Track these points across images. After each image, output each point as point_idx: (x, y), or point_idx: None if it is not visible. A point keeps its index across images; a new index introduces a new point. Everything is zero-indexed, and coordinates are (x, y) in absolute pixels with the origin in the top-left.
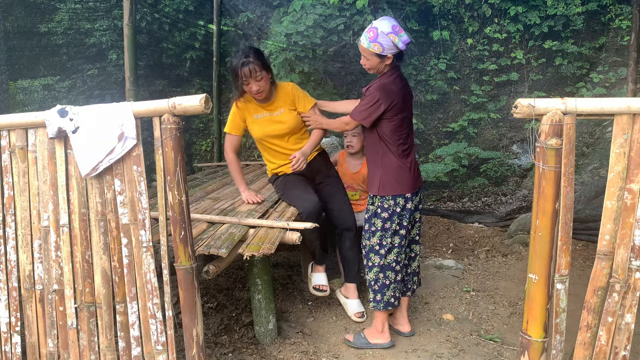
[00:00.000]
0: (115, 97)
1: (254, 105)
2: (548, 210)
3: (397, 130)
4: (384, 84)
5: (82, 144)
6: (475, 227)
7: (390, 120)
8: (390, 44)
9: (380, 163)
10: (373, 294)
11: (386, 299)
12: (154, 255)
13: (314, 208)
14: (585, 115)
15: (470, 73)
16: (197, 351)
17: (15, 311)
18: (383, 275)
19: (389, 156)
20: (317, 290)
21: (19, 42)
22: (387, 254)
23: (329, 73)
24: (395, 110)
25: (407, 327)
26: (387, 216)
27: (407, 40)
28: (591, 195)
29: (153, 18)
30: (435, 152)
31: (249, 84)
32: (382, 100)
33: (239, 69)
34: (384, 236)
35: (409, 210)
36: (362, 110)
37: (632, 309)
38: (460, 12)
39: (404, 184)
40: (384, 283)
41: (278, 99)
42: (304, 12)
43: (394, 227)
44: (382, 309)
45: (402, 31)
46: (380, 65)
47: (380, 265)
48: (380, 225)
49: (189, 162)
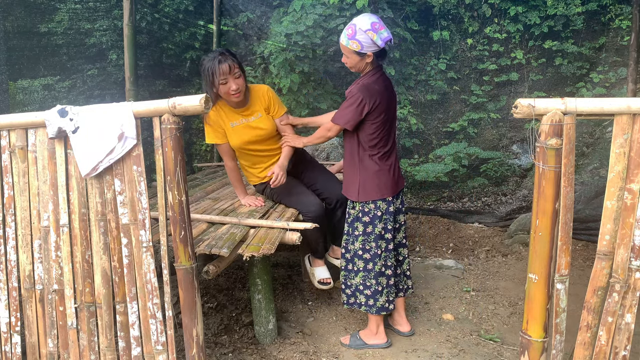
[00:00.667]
0: (115, 97)
1: (228, 112)
2: (548, 210)
3: (379, 132)
4: (366, 83)
5: (82, 144)
6: (475, 227)
7: (373, 122)
8: (368, 41)
9: (359, 167)
10: (365, 299)
11: (379, 304)
12: (154, 255)
13: (318, 210)
14: (585, 115)
15: (470, 73)
16: (197, 351)
17: (15, 311)
18: (375, 281)
19: (368, 160)
20: (322, 284)
21: (19, 42)
22: (374, 260)
23: (329, 73)
24: (379, 111)
25: (406, 327)
26: (368, 220)
27: (387, 38)
28: (591, 195)
29: (153, 18)
30: (435, 152)
31: (226, 83)
32: (365, 101)
33: (217, 66)
34: (367, 240)
35: (391, 213)
36: (345, 113)
37: (632, 309)
38: (460, 12)
39: (384, 188)
40: (377, 289)
41: (253, 102)
42: (304, 12)
43: (377, 231)
44: (375, 313)
45: (382, 28)
46: (360, 63)
47: (367, 270)
48: (362, 229)
49: (189, 162)
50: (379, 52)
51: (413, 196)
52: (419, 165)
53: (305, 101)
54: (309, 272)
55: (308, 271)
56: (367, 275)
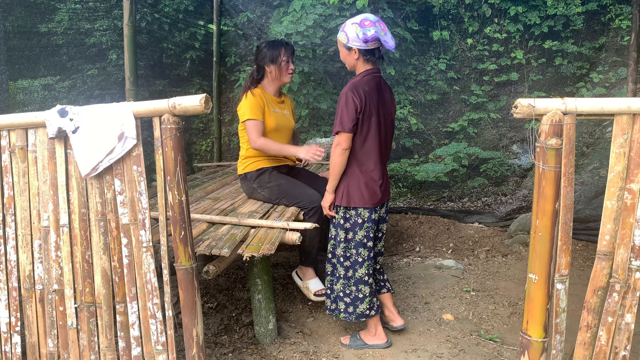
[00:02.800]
0: (115, 97)
1: (270, 99)
2: (548, 210)
3: (365, 137)
4: (354, 82)
5: (82, 144)
6: (475, 227)
7: (361, 125)
8: (354, 34)
9: (347, 172)
10: (344, 306)
11: (359, 311)
12: (154, 255)
13: (319, 202)
14: (585, 115)
15: (470, 73)
16: (197, 351)
17: (15, 311)
18: (355, 288)
19: (355, 166)
20: (319, 296)
21: (19, 42)
22: (354, 267)
23: (329, 73)
24: (368, 112)
25: (399, 321)
26: (349, 226)
27: (373, 37)
28: (591, 195)
29: (153, 18)
30: (435, 152)
31: (287, 62)
32: (354, 99)
33: (283, 46)
34: (347, 247)
35: (373, 221)
36: (341, 117)
37: (632, 309)
38: (460, 12)
39: (367, 197)
40: (357, 296)
41: (285, 101)
42: (304, 12)
43: (358, 238)
44: (354, 320)
45: (372, 26)
46: (349, 58)
47: (347, 277)
48: (343, 236)
49: (189, 162)
50: (367, 52)
51: (413, 196)
52: (419, 165)
53: (305, 101)
54: (301, 287)
55: (301, 287)
56: (347, 282)
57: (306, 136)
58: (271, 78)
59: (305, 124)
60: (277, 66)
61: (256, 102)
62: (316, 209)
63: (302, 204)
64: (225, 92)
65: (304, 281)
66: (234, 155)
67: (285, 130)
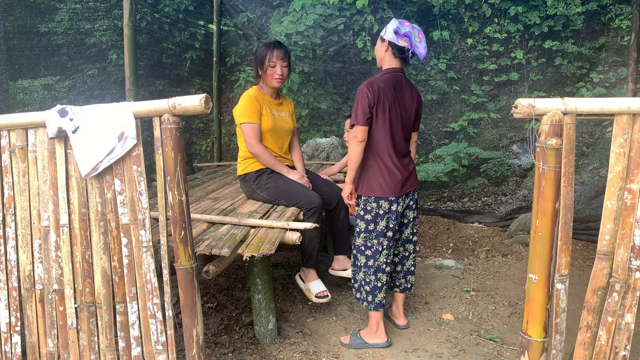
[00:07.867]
0: (115, 97)
1: (268, 101)
2: (548, 210)
3: (382, 130)
4: (371, 79)
5: (82, 144)
6: (475, 227)
7: (375, 119)
8: (390, 27)
9: (367, 164)
10: (365, 295)
11: (378, 300)
12: (154, 255)
13: (319, 204)
14: (585, 115)
15: (470, 73)
16: (197, 351)
17: (15, 311)
18: (375, 277)
19: (373, 157)
20: (320, 298)
21: (19, 42)
22: (375, 256)
23: (329, 73)
24: (382, 108)
25: (403, 320)
26: (370, 218)
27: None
28: (591, 195)
29: (153, 18)
30: (435, 152)
31: (275, 66)
32: (368, 94)
33: (273, 48)
34: (369, 238)
35: (394, 212)
36: (356, 111)
37: (632, 309)
38: (460, 12)
39: (388, 188)
40: (376, 285)
41: (284, 103)
42: (304, 12)
43: (379, 229)
44: (373, 309)
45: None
46: (380, 49)
47: (368, 266)
48: (363, 227)
49: (189, 162)
50: (397, 47)
51: None
52: (419, 165)
53: (305, 101)
54: (303, 289)
55: (303, 289)
56: (367, 271)
57: (306, 136)
58: (264, 80)
59: (305, 124)
60: (264, 71)
61: (251, 103)
62: (315, 210)
63: (301, 204)
64: (225, 92)
65: (306, 283)
66: (234, 155)
67: (282, 131)
